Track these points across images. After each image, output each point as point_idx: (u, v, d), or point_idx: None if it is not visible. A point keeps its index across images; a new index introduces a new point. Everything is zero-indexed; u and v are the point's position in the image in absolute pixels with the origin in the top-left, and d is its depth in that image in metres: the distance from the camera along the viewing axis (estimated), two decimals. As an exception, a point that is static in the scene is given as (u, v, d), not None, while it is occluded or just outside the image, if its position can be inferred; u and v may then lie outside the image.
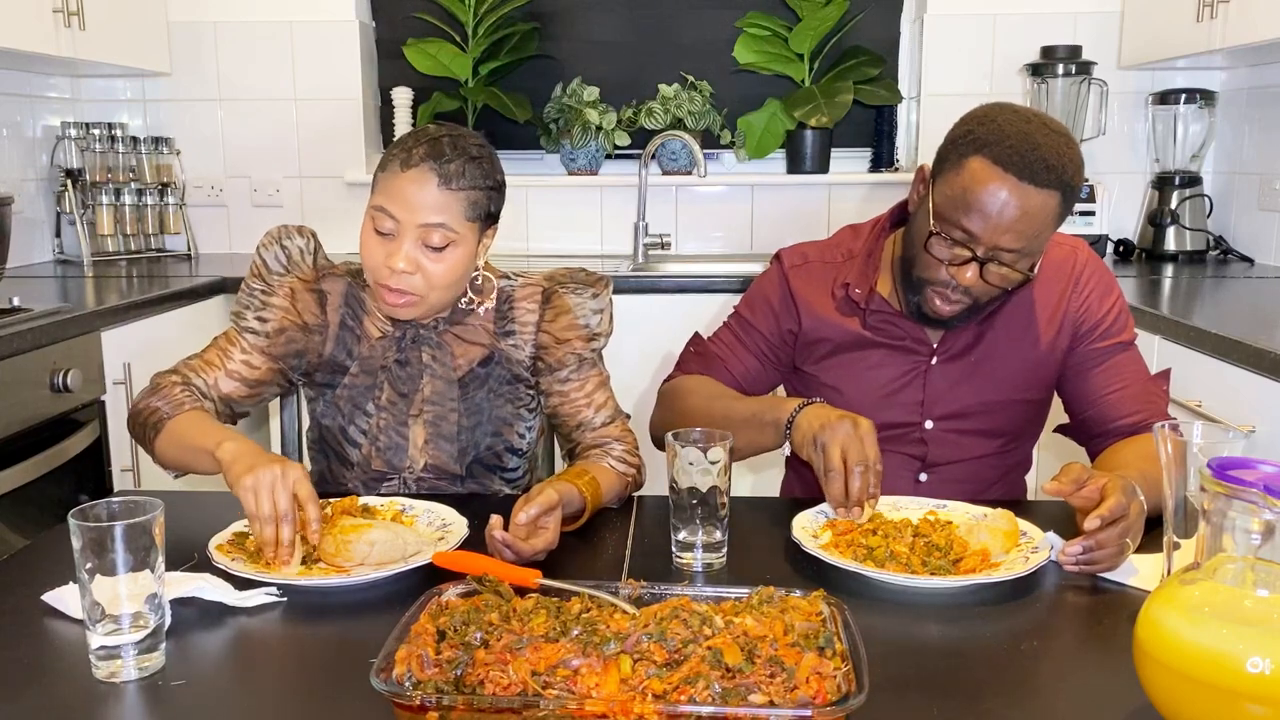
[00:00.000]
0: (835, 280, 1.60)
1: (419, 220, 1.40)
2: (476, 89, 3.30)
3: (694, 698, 0.84)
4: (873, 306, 1.57)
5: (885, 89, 3.33)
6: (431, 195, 1.40)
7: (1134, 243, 3.24)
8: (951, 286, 1.44)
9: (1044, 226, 1.39)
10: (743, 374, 1.64)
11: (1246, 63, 3.02)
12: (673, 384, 1.66)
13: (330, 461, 1.58)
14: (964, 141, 1.40)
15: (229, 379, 1.51)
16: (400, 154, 1.42)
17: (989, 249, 1.39)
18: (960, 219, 1.39)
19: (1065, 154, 1.37)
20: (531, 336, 1.56)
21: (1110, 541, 1.17)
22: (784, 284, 1.63)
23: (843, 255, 1.62)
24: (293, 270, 1.55)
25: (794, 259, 1.65)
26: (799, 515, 1.33)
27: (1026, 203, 1.35)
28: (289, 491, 1.20)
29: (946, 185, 1.41)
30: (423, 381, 1.54)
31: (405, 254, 1.40)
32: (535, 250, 3.46)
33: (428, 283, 1.43)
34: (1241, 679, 0.79)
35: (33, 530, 2.02)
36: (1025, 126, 1.37)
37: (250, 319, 1.53)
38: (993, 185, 1.36)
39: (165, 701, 0.95)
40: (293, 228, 1.57)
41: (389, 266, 1.41)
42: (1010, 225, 1.36)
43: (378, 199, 1.42)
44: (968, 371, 1.56)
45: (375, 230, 1.42)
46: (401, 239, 1.41)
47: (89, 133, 3.20)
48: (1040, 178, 1.35)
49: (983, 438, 1.59)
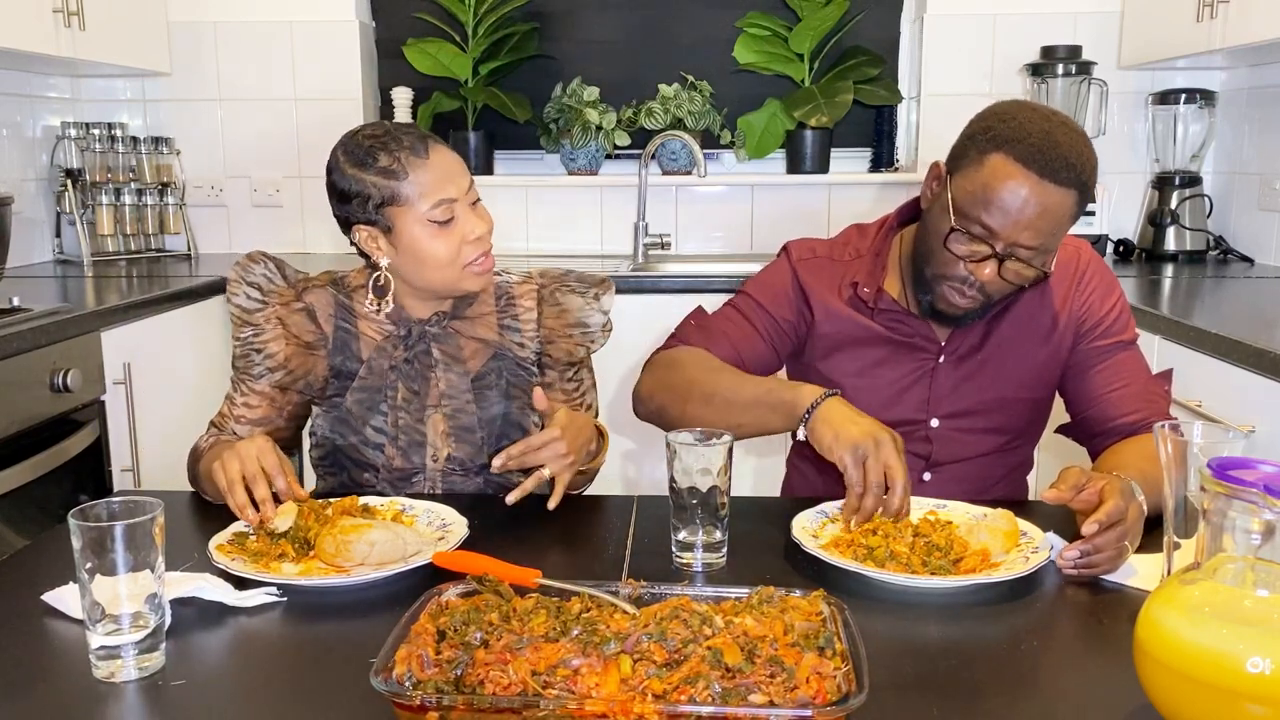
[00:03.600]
0: (843, 278, 1.59)
1: (465, 185, 1.47)
2: (476, 89, 3.30)
3: (694, 698, 0.84)
4: (881, 305, 1.56)
5: (885, 89, 3.33)
6: (456, 162, 1.48)
7: (1134, 243, 3.25)
8: (968, 283, 1.44)
9: (1061, 225, 1.39)
10: (748, 353, 1.60)
11: (1246, 63, 3.02)
12: (669, 353, 1.61)
13: (348, 472, 1.57)
14: (984, 138, 1.40)
15: (239, 424, 1.54)
16: (403, 151, 1.43)
17: (1008, 245, 1.39)
18: (981, 215, 1.39)
19: (1084, 153, 1.38)
20: (534, 333, 1.57)
21: (1109, 545, 1.17)
22: (794, 276, 1.62)
23: (851, 254, 1.61)
24: (270, 299, 1.54)
25: (802, 252, 1.63)
26: (799, 515, 1.33)
27: (1047, 200, 1.36)
28: (254, 458, 1.28)
29: (966, 181, 1.41)
30: (435, 376, 1.54)
31: (477, 218, 1.48)
32: (535, 250, 3.46)
33: (492, 229, 1.51)
34: (1241, 679, 0.79)
35: (33, 530, 2.02)
36: (1046, 125, 1.38)
37: (257, 365, 1.53)
38: (1014, 182, 1.36)
39: (165, 701, 0.95)
40: (246, 260, 1.56)
41: (475, 240, 1.46)
42: (1030, 222, 1.37)
43: (425, 202, 1.43)
44: (974, 370, 1.56)
45: (438, 227, 1.44)
46: (463, 213, 1.46)
47: (89, 133, 3.20)
48: (1061, 176, 1.35)
49: (987, 435, 1.59)
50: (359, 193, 1.44)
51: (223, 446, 1.38)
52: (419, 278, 1.48)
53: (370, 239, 1.47)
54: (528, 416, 1.58)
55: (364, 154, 1.43)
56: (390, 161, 1.42)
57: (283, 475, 1.29)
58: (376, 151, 1.43)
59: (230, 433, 1.53)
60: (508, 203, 3.41)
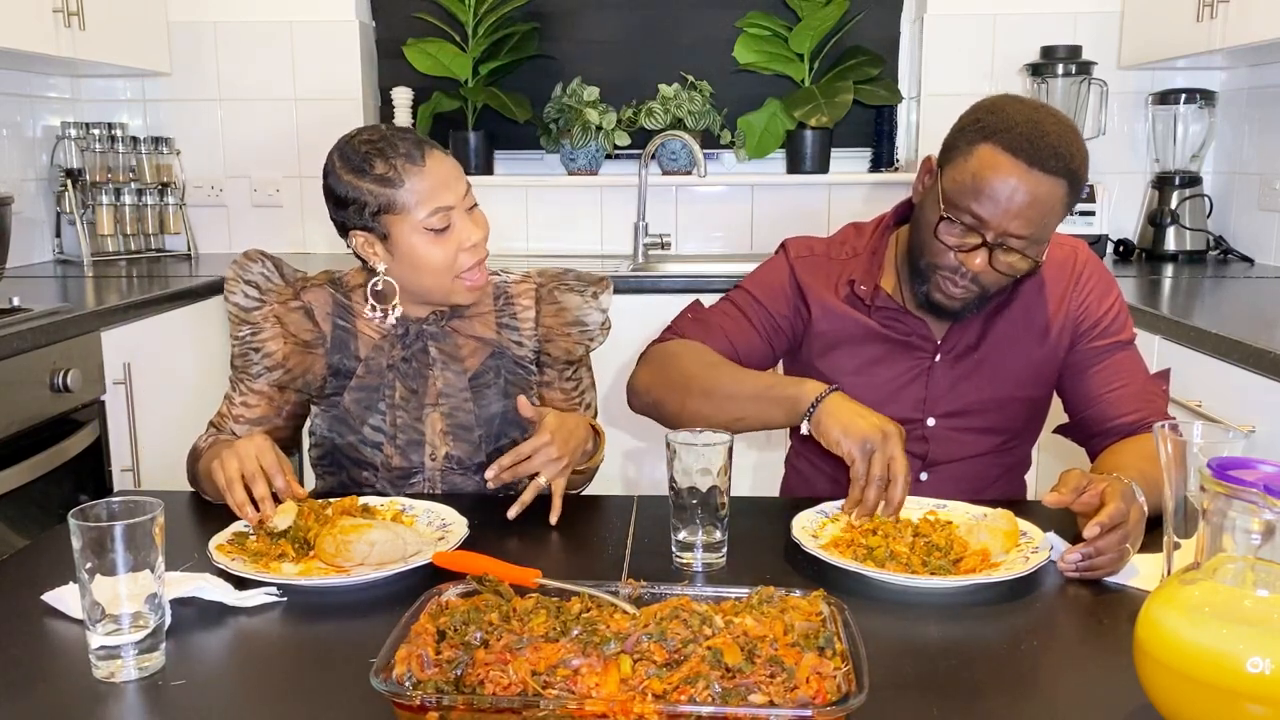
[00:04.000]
0: (840, 276, 1.60)
1: (462, 191, 1.47)
2: (476, 89, 3.30)
3: (694, 698, 0.84)
4: (878, 303, 1.57)
5: (885, 89, 3.33)
6: (453, 168, 1.47)
7: (1134, 243, 3.24)
8: (960, 273, 1.45)
9: (1051, 214, 1.40)
10: (745, 348, 1.60)
11: (1246, 63, 3.02)
12: (666, 345, 1.60)
13: (347, 471, 1.57)
14: (973, 129, 1.41)
15: (238, 424, 1.54)
16: (399, 158, 1.42)
17: (998, 235, 1.40)
18: (970, 204, 1.40)
19: (1073, 143, 1.39)
20: (533, 331, 1.58)
21: (1110, 548, 1.17)
22: (791, 273, 1.62)
23: (848, 253, 1.62)
24: (267, 298, 1.54)
25: (800, 250, 1.64)
26: (799, 515, 1.33)
27: (1035, 189, 1.37)
28: (252, 456, 1.28)
29: (956, 171, 1.42)
30: (433, 375, 1.54)
31: (474, 225, 1.47)
32: (535, 250, 3.46)
33: (488, 235, 1.51)
34: (1241, 679, 0.79)
35: (33, 530, 2.02)
36: (1034, 115, 1.39)
37: (255, 364, 1.53)
38: (1002, 171, 1.37)
39: (165, 701, 0.95)
40: (243, 259, 1.56)
41: (471, 247, 1.46)
42: (1019, 211, 1.38)
43: (421, 210, 1.42)
44: (971, 369, 1.57)
45: (434, 235, 1.44)
46: (459, 220, 1.46)
47: (89, 133, 3.20)
48: (1049, 164, 1.36)
49: (984, 435, 1.59)
50: (355, 199, 1.44)
51: (222, 445, 1.38)
52: (414, 284, 1.48)
53: (367, 245, 1.47)
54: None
55: (360, 160, 1.43)
56: (386, 169, 1.42)
57: (281, 474, 1.29)
58: (373, 158, 1.42)
59: (229, 433, 1.53)
60: (508, 203, 3.40)
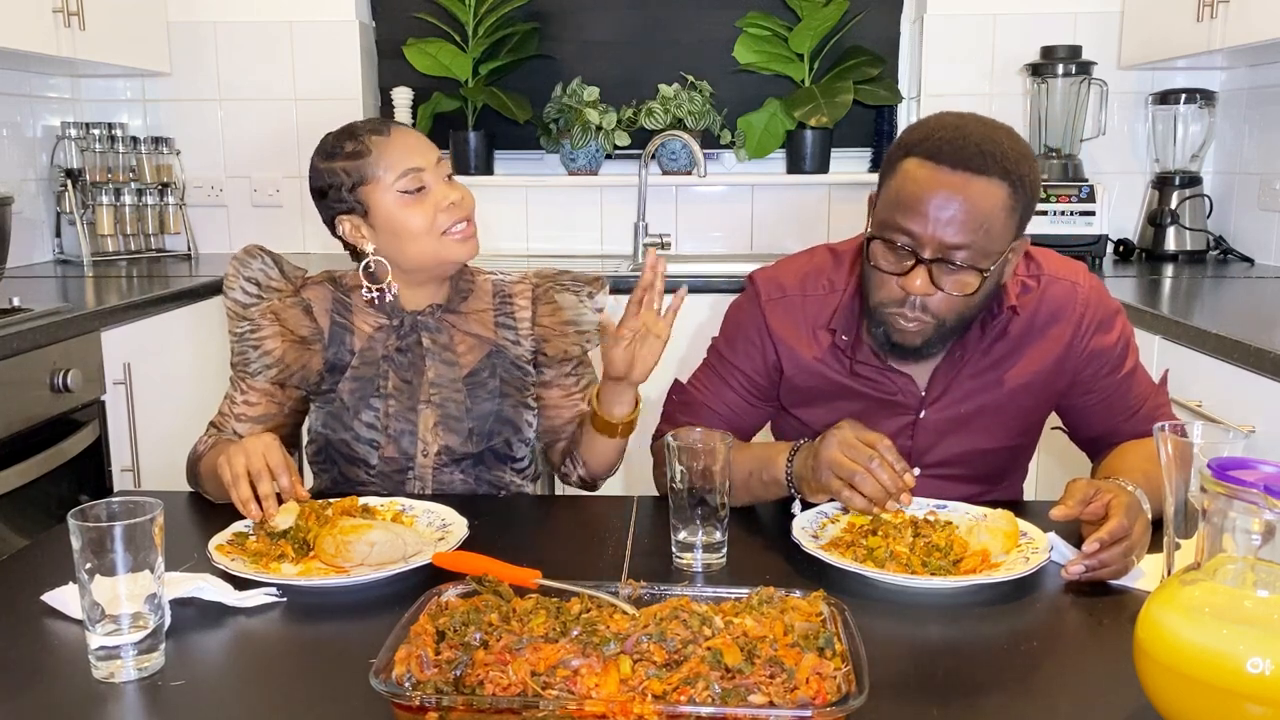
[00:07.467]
0: (817, 320, 1.50)
1: (433, 159, 1.50)
2: (476, 89, 3.30)
3: (694, 698, 0.84)
4: (859, 358, 1.48)
5: (885, 89, 3.33)
6: (420, 138, 1.51)
7: (1134, 243, 3.24)
8: (908, 304, 1.35)
9: (989, 218, 1.30)
10: (729, 414, 1.55)
11: (1246, 63, 3.02)
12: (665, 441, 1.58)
13: (339, 467, 1.58)
14: (896, 150, 1.36)
15: (240, 423, 1.54)
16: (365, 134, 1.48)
17: (935, 249, 1.32)
18: (900, 221, 1.32)
19: (1004, 142, 1.31)
20: (529, 331, 1.59)
21: (1113, 560, 1.16)
22: (761, 320, 1.52)
23: (824, 288, 1.51)
24: (266, 295, 1.55)
25: (770, 290, 1.53)
26: (799, 516, 1.33)
27: (965, 190, 1.29)
28: (259, 454, 1.28)
29: (885, 194, 1.36)
30: (426, 366, 1.55)
31: (449, 187, 1.50)
32: (535, 250, 3.46)
33: (471, 202, 1.52)
34: (1241, 679, 0.79)
35: (33, 530, 2.02)
36: (958, 121, 1.34)
37: (253, 362, 1.54)
38: (924, 180, 1.30)
39: (165, 701, 0.95)
40: (243, 254, 1.57)
41: (449, 206, 1.48)
42: (951, 218, 1.30)
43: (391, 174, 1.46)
44: (960, 423, 1.49)
45: (410, 197, 1.47)
46: (434, 182, 1.49)
47: (89, 133, 3.20)
48: (975, 164, 1.29)
49: (968, 484, 1.53)
50: (331, 183, 1.49)
51: (226, 444, 1.38)
52: (402, 255, 1.50)
53: (354, 229, 1.51)
54: (520, 414, 1.59)
55: (331, 147, 1.50)
56: (355, 145, 1.47)
57: (286, 473, 1.29)
58: (342, 140, 1.49)
59: (231, 432, 1.53)
60: (508, 203, 3.41)
